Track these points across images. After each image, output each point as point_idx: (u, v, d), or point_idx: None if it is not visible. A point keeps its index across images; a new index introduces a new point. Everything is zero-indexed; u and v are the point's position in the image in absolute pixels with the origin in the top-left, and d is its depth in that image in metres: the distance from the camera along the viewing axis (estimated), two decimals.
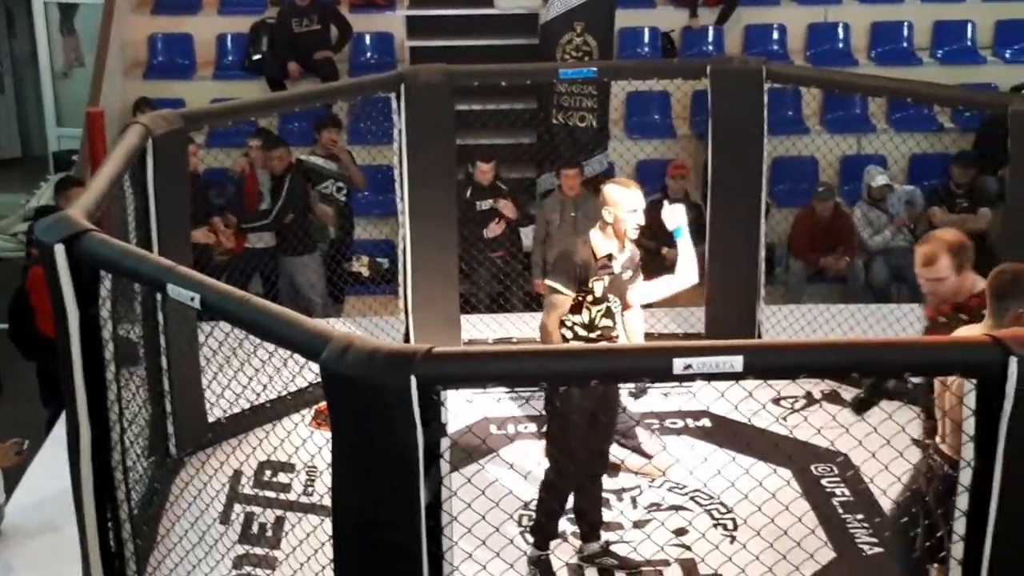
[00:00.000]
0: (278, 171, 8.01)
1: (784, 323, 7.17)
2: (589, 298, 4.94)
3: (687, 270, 5.39)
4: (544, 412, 5.17)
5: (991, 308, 3.92)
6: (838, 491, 5.62)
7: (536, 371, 3.12)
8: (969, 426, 3.15)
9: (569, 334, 4.99)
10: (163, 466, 5.72)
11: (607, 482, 5.57)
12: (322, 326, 3.28)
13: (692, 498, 5.62)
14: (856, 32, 10.56)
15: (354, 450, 3.18)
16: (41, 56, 11.63)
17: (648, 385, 5.68)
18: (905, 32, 10.58)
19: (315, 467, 5.70)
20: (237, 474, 5.76)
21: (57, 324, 4.13)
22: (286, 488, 5.72)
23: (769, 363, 3.11)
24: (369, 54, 10.45)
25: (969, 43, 10.58)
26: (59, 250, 3.97)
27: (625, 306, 5.16)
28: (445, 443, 3.14)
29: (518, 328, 7.21)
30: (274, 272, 8.11)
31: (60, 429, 5.34)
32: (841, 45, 10.54)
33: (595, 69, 6.97)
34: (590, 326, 4.98)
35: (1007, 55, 10.51)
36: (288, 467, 5.81)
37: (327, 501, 4.55)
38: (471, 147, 8.65)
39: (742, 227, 6.99)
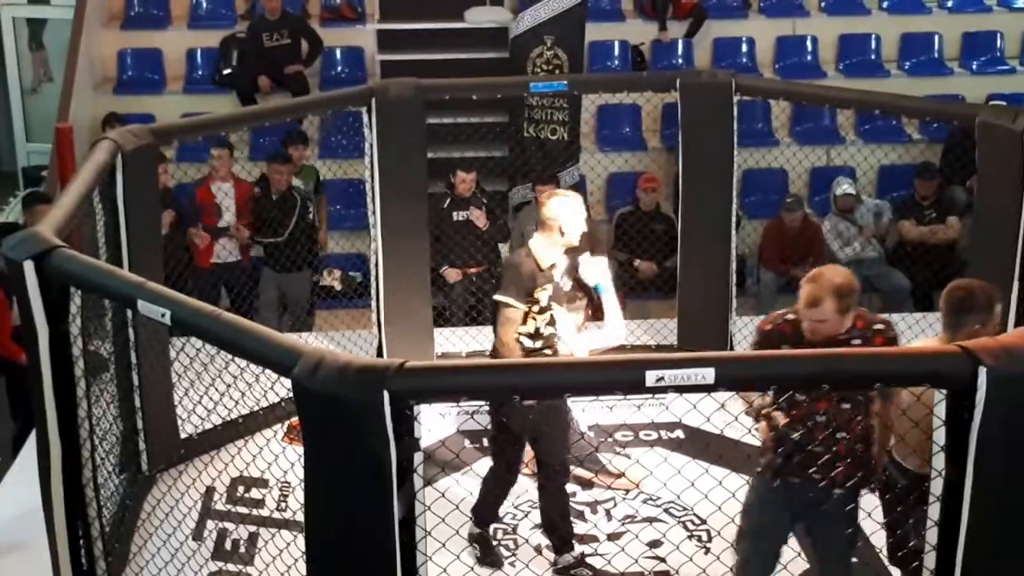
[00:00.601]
0: (284, 186, 8.08)
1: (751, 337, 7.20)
2: (535, 308, 5.00)
3: (613, 328, 5.41)
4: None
5: (946, 323, 3.99)
6: None
7: (508, 385, 3.13)
8: (939, 436, 3.18)
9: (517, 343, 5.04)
10: (135, 482, 5.68)
11: (581, 495, 5.58)
12: (293, 341, 3.27)
13: (666, 510, 5.63)
14: (824, 44, 10.65)
15: (326, 466, 3.17)
16: (9, 71, 11.56)
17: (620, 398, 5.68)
18: (873, 44, 10.67)
19: (288, 483, 5.67)
20: (210, 490, 5.73)
21: (27, 341, 4.10)
22: (259, 504, 5.69)
23: (740, 375, 3.13)
24: (340, 68, 10.44)
25: (936, 55, 10.69)
26: (28, 267, 3.95)
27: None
28: (418, 458, 3.13)
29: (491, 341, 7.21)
30: (246, 286, 8.08)
31: (30, 445, 5.29)
32: (809, 57, 10.62)
33: (565, 83, 6.99)
34: (535, 335, 5.04)
35: (974, 67, 10.63)
36: (261, 483, 5.78)
37: (300, 517, 4.52)
38: (443, 160, 8.67)
39: (713, 239, 7.03)
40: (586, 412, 5.96)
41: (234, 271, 8.13)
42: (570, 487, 5.46)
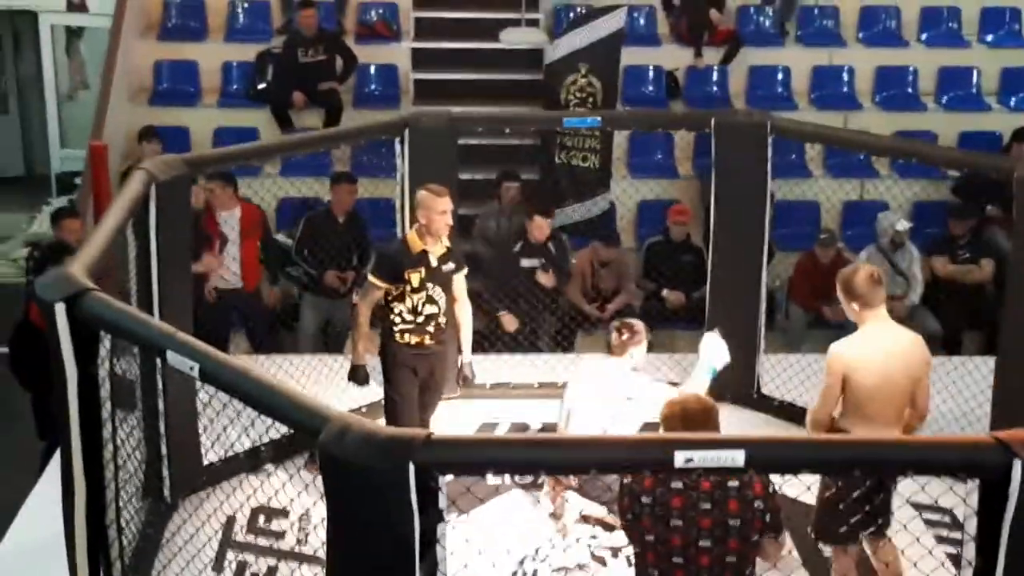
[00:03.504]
0: (349, 207, 8.14)
1: (784, 375, 7.14)
2: (408, 288, 5.64)
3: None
4: None
5: None
6: None
7: (534, 460, 3.11)
8: (971, 526, 3.13)
9: (397, 319, 5.70)
10: (157, 509, 5.69)
11: (603, 538, 5.54)
12: (320, 405, 3.26)
13: None
14: (861, 76, 10.57)
15: (350, 532, 3.16)
16: (46, 78, 11.64)
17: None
18: (910, 77, 10.59)
19: (309, 516, 5.67)
20: (230, 520, 5.73)
21: (56, 381, 4.11)
22: (280, 536, 5.69)
23: (770, 457, 3.09)
24: (374, 85, 10.46)
25: (974, 90, 10.60)
26: (60, 309, 3.96)
27: (452, 299, 5.82)
28: (442, 529, 3.12)
29: (514, 370, 7.20)
30: (258, 313, 8.06)
31: (55, 467, 5.30)
32: (845, 88, 10.55)
33: (599, 119, 6.96)
34: (414, 311, 5.69)
35: (1012, 102, 10.53)
36: (282, 514, 5.77)
37: (321, 552, 4.53)
38: (471, 181, 8.66)
39: (743, 279, 6.98)
40: None
41: (240, 296, 8.05)
42: (592, 530, 5.45)
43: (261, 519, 5.80)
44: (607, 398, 5.50)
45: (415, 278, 5.67)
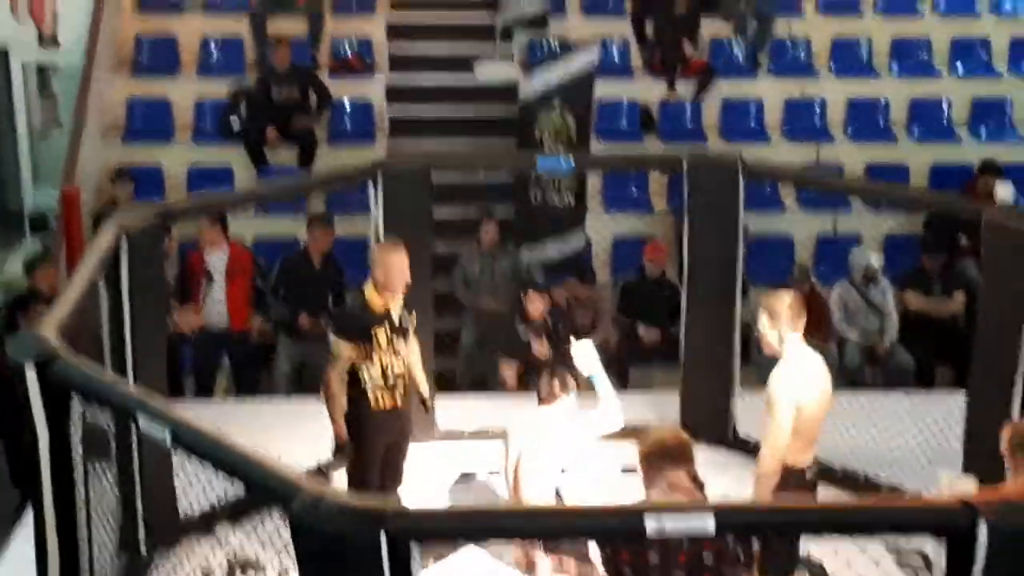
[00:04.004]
0: (326, 249, 8.11)
1: (759, 414, 7.15)
2: (377, 348, 5.52)
3: (609, 414, 5.54)
4: None
5: (1012, 463, 3.95)
6: None
7: (507, 529, 3.11)
8: None
9: (368, 383, 5.55)
10: (134, 565, 5.65)
11: None
12: (292, 474, 3.25)
13: None
14: (833, 107, 10.66)
15: None
16: (18, 115, 11.59)
17: None
18: (882, 108, 10.68)
19: (287, 571, 5.64)
20: (207, 573, 5.69)
21: (27, 443, 4.08)
22: None
23: (741, 522, 3.11)
24: (348, 121, 10.46)
25: (945, 121, 10.70)
26: (30, 371, 3.94)
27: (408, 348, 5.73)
28: None
29: (493, 414, 7.19)
30: (246, 354, 8.06)
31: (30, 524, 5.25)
32: (818, 120, 10.63)
33: (572, 162, 6.99)
34: (383, 374, 5.57)
35: (982, 133, 10.63)
36: (259, 566, 5.74)
37: None
38: (447, 220, 8.68)
39: (718, 316, 7.02)
40: None
41: (229, 337, 8.10)
42: None
43: (238, 572, 5.76)
44: (556, 450, 5.53)
45: (382, 336, 5.54)
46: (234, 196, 6.65)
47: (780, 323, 4.99)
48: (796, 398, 4.90)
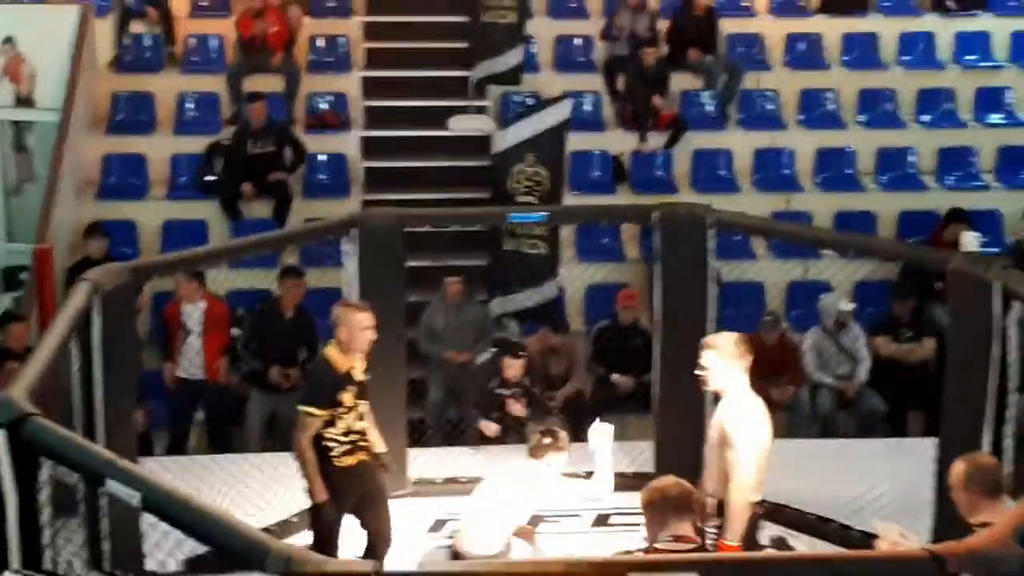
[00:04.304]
0: (297, 301, 8.12)
1: None
2: (340, 410, 5.51)
3: (600, 486, 5.80)
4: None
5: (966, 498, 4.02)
6: None
7: None
8: None
9: (332, 443, 5.55)
10: None
11: None
12: (262, 537, 3.27)
13: None
14: (801, 157, 10.81)
15: None
16: None
17: None
18: (849, 158, 10.83)
19: None
20: None
21: None
22: None
23: None
24: (323, 175, 10.53)
25: (912, 170, 10.85)
26: (0, 435, 3.94)
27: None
28: None
29: (464, 465, 7.21)
30: (221, 405, 8.07)
31: None
32: (787, 170, 10.77)
33: (545, 215, 7.07)
34: (346, 433, 5.56)
35: (949, 182, 10.78)
36: None
37: None
38: (422, 268, 8.73)
39: (691, 363, 7.04)
40: None
41: (205, 389, 8.11)
42: None
43: None
44: (509, 499, 5.72)
45: (347, 398, 5.55)
46: (208, 252, 6.68)
47: (727, 362, 5.04)
48: (763, 443, 4.97)
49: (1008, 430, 5.61)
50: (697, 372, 5.21)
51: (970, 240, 8.63)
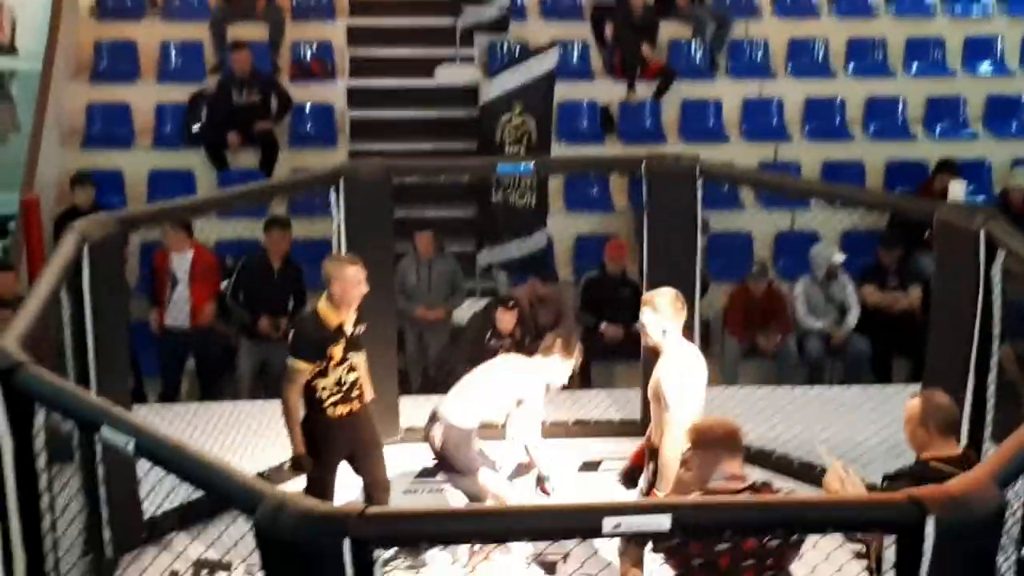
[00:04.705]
0: (284, 253, 8.13)
1: (720, 409, 7.21)
2: (332, 363, 5.54)
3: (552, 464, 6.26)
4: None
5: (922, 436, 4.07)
6: None
7: (468, 531, 3.17)
8: None
9: (324, 394, 5.59)
10: (99, 568, 5.66)
11: None
12: (256, 483, 3.30)
13: None
14: (790, 107, 10.79)
15: None
16: None
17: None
18: (838, 107, 10.82)
19: (252, 570, 5.67)
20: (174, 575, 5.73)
21: None
22: None
23: (695, 521, 3.19)
24: (309, 125, 10.48)
25: (900, 119, 10.84)
26: None
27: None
28: None
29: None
30: (210, 354, 8.10)
31: None
32: (775, 120, 10.76)
33: (532, 164, 7.06)
34: (338, 384, 5.60)
35: (937, 131, 10.79)
36: (224, 567, 5.78)
37: None
38: (410, 220, 8.72)
39: None
40: None
41: (193, 338, 8.16)
42: None
43: (205, 574, 5.80)
44: (500, 383, 5.93)
45: (337, 352, 5.56)
46: (195, 202, 6.67)
47: (663, 317, 5.08)
48: (687, 395, 5.04)
49: (991, 378, 5.69)
50: (637, 328, 5.25)
51: (957, 189, 8.65)
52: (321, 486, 5.61)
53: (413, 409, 7.21)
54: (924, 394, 4.43)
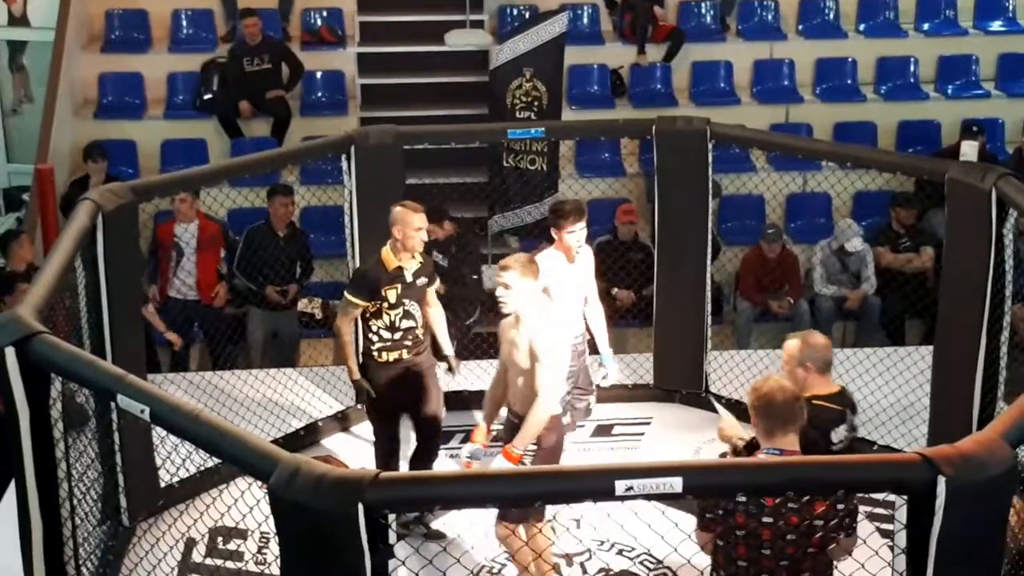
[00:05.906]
0: (288, 220, 8.17)
1: (731, 373, 7.28)
2: (385, 304, 5.73)
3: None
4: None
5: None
6: None
7: (482, 494, 3.20)
8: (900, 539, 3.27)
9: (375, 338, 5.78)
10: (116, 535, 5.73)
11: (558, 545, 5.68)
12: (270, 449, 3.33)
13: (641, 562, 5.72)
14: (801, 68, 10.72)
15: (301, 570, 3.24)
16: None
17: None
18: (849, 68, 10.75)
19: (268, 536, 5.73)
20: (190, 542, 5.79)
21: (8, 423, 4.15)
22: (238, 556, 5.76)
23: (707, 483, 3.21)
24: (320, 92, 10.47)
25: (912, 79, 10.78)
26: (10, 353, 4.00)
27: (425, 307, 5.90)
28: (392, 564, 3.21)
29: (468, 380, 7.27)
30: (217, 326, 8.15)
31: (10, 503, 5.32)
32: (786, 81, 10.70)
33: (543, 130, 7.06)
34: (391, 327, 5.77)
35: (949, 91, 10.72)
36: (240, 533, 5.84)
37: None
38: (421, 186, 8.72)
39: (690, 277, 7.11)
40: None
41: (199, 310, 8.19)
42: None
43: (220, 540, 5.86)
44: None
45: (392, 295, 5.72)
46: (208, 171, 6.66)
47: (523, 283, 5.14)
48: (553, 359, 5.11)
49: (1004, 337, 5.69)
50: (496, 295, 5.23)
51: (970, 149, 8.61)
52: (384, 437, 5.88)
53: None
54: (799, 335, 4.69)
